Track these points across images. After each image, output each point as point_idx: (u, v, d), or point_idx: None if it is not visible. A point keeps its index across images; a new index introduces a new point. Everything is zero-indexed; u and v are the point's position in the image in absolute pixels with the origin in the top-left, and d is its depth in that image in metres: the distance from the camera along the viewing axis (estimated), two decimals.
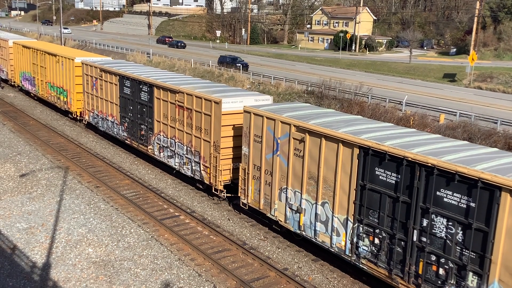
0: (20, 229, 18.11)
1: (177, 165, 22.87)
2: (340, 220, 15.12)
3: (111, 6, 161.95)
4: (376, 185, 13.95)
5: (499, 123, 31.26)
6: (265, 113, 17.52)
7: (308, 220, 16.26)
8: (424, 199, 12.87)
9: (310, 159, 15.88)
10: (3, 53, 45.72)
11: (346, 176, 14.77)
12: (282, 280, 15.36)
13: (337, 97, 38.39)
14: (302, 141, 16.11)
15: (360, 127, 15.56)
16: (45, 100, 37.65)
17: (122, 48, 76.64)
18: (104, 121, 28.94)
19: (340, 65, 69.42)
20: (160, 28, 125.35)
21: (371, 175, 14.05)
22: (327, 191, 15.44)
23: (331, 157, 15.15)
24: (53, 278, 15.09)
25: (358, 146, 14.28)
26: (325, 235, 15.76)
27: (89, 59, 30.96)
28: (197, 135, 21.22)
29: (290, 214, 16.99)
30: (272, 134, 17.25)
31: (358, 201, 14.48)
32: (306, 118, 16.62)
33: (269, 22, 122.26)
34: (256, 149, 18.04)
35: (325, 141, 15.30)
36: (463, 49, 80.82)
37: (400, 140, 14.14)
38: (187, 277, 15.40)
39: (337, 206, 15.16)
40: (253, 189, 18.53)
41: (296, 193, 16.63)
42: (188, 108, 21.50)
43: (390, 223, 13.75)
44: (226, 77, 50.05)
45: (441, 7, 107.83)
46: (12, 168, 24.57)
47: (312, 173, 15.90)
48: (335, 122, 16.23)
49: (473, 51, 58.77)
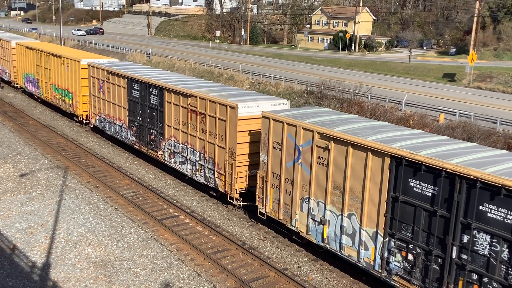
0: (19, 229, 18.11)
1: (189, 172, 22.08)
2: (369, 234, 14.32)
3: (111, 6, 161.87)
4: (410, 197, 13.12)
5: (498, 123, 31.27)
6: (285, 119, 16.72)
7: (333, 232, 15.46)
8: (465, 213, 12.03)
9: (335, 168, 15.10)
10: (5, 54, 45.01)
11: (375, 187, 13.96)
12: (281, 280, 15.36)
13: (336, 97, 38.40)
14: (326, 149, 15.32)
15: (389, 135, 14.79)
16: (50, 103, 36.94)
17: (122, 48, 76.63)
18: (112, 125, 28.21)
19: (340, 65, 69.42)
20: (159, 28, 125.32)
21: (404, 186, 13.22)
22: (354, 202, 14.65)
23: (359, 166, 14.37)
24: (52, 278, 15.09)
25: (389, 155, 13.47)
26: (351, 249, 14.93)
27: (95, 61, 30.36)
28: (211, 141, 20.43)
29: (312, 226, 16.19)
30: (293, 141, 16.47)
31: (389, 214, 13.66)
32: (330, 124, 15.83)
33: (269, 22, 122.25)
34: (276, 156, 17.26)
35: (352, 149, 14.51)
36: (462, 49, 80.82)
37: (435, 150, 13.38)
38: (186, 277, 15.40)
39: (365, 219, 14.33)
40: (272, 198, 17.74)
41: (319, 203, 15.85)
42: (201, 112, 20.72)
43: (426, 238, 12.93)
44: (226, 77, 50.07)
45: (441, 7, 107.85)
46: (11, 168, 24.56)
47: (337, 183, 15.13)
48: (362, 129, 15.48)
49: (473, 51, 58.78)
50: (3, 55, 45.92)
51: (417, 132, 16.02)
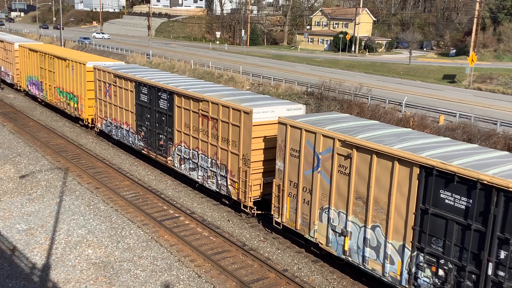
0: (19, 230, 18.10)
1: (200, 179, 21.42)
2: (395, 247, 13.65)
3: (111, 7, 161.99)
4: (441, 209, 12.45)
5: (498, 124, 31.27)
6: (304, 125, 16.02)
7: (355, 244, 14.81)
8: (502, 228, 11.40)
9: (358, 177, 14.44)
10: (8, 57, 44.21)
11: (402, 198, 13.29)
12: (282, 281, 15.35)
13: (336, 98, 38.41)
14: (348, 157, 14.65)
15: (416, 143, 14.10)
16: (54, 106, 36.25)
17: (122, 49, 76.67)
18: (118, 129, 27.60)
19: (340, 66, 69.43)
20: (159, 29, 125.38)
21: (434, 198, 12.55)
22: (378, 213, 14.00)
23: (384, 176, 13.70)
24: (52, 279, 15.09)
25: (418, 165, 12.78)
26: (376, 262, 14.24)
27: (101, 64, 29.79)
28: (223, 147, 19.78)
29: (332, 237, 15.53)
30: (312, 148, 15.79)
31: (418, 226, 12.99)
32: (352, 131, 15.17)
33: (269, 23, 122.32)
34: (293, 164, 16.59)
35: (377, 158, 13.84)
36: (462, 50, 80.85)
37: (468, 159, 12.65)
38: (187, 278, 15.40)
39: (391, 231, 13.68)
40: (289, 208, 17.05)
41: (340, 214, 15.18)
42: (214, 117, 20.06)
43: (459, 253, 12.29)
44: (226, 78, 50.09)
45: (441, 8, 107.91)
46: (12, 169, 24.56)
47: (360, 193, 14.47)
48: (386, 136, 14.82)
49: (473, 52, 58.79)
50: (5, 58, 45.17)
51: (444, 139, 15.27)
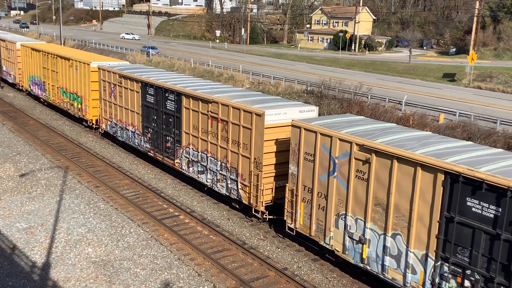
0: (19, 229, 18.11)
1: (209, 182, 20.92)
2: (417, 256, 13.15)
3: (111, 6, 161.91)
4: (468, 218, 11.92)
5: (498, 122, 31.29)
6: (319, 128, 15.50)
7: (374, 252, 14.30)
8: None
9: (377, 183, 13.95)
10: (10, 56, 43.63)
11: (426, 205, 12.78)
12: (281, 280, 15.36)
13: (336, 97, 38.41)
14: (366, 162, 14.13)
15: (439, 147, 13.55)
16: (57, 107, 35.70)
17: (122, 47, 76.64)
18: (124, 130, 27.07)
19: (340, 65, 69.42)
20: (159, 28, 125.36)
21: (460, 206, 12.04)
22: (399, 221, 13.48)
23: (406, 182, 13.18)
24: (52, 278, 15.10)
25: (443, 171, 12.26)
26: (396, 272, 13.72)
27: (106, 64, 29.35)
28: (234, 150, 19.24)
29: (349, 244, 15.03)
30: (327, 152, 15.27)
31: (442, 235, 12.50)
32: (370, 135, 14.66)
33: (269, 22, 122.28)
34: (307, 168, 16.07)
35: (398, 163, 13.33)
36: (462, 49, 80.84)
37: (496, 165, 12.13)
38: (186, 276, 15.41)
39: (413, 240, 13.17)
40: (303, 213, 16.56)
41: (358, 220, 14.68)
42: (223, 120, 19.53)
43: (486, 264, 11.80)
44: (226, 77, 50.08)
45: (441, 7, 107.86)
46: (11, 168, 24.56)
47: (379, 199, 13.97)
48: (406, 140, 14.30)
49: (473, 51, 58.80)
50: (7, 57, 44.57)
51: (467, 143, 14.65)
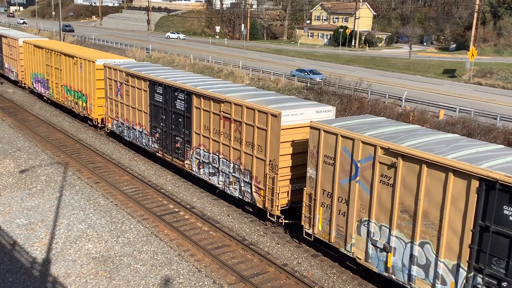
0: (20, 225, 18.13)
1: (221, 184, 20.31)
2: (448, 266, 12.57)
3: (110, 2, 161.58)
4: (505, 227, 11.42)
5: (498, 118, 31.26)
6: (340, 130, 14.88)
7: (400, 261, 13.70)
8: None
9: (404, 188, 13.35)
10: (12, 53, 42.99)
11: (458, 213, 12.22)
12: (281, 276, 15.38)
13: (336, 93, 38.38)
14: (392, 167, 13.54)
15: (470, 152, 12.93)
16: (61, 105, 35.17)
17: (121, 43, 76.50)
18: (131, 130, 26.45)
19: (340, 60, 69.35)
20: (159, 24, 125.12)
21: (497, 214, 11.49)
22: (428, 229, 12.92)
23: (436, 188, 12.60)
24: (53, 274, 15.12)
25: (478, 177, 11.70)
26: (424, 282, 13.17)
27: (111, 61, 28.70)
28: (247, 152, 18.59)
29: (373, 252, 14.45)
30: (349, 156, 14.68)
31: (476, 245, 11.94)
32: (395, 138, 14.07)
33: (269, 17, 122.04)
34: (327, 172, 15.47)
35: (427, 168, 12.72)
36: (463, 45, 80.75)
37: None
38: (186, 272, 15.43)
39: (443, 249, 12.60)
40: (322, 219, 15.99)
41: (382, 227, 14.09)
42: (237, 120, 18.84)
43: None
44: (226, 73, 50.02)
45: (441, 3, 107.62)
46: (11, 164, 24.57)
47: (406, 205, 13.37)
48: (435, 143, 13.68)
49: (473, 47, 58.70)
50: (9, 54, 43.91)
51: (499, 147, 14.04)
